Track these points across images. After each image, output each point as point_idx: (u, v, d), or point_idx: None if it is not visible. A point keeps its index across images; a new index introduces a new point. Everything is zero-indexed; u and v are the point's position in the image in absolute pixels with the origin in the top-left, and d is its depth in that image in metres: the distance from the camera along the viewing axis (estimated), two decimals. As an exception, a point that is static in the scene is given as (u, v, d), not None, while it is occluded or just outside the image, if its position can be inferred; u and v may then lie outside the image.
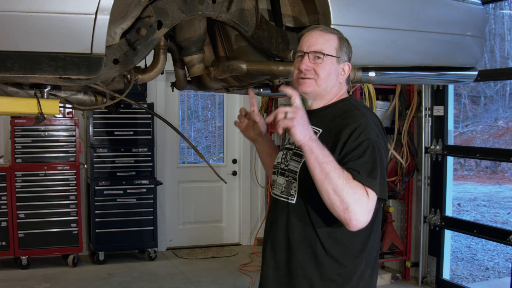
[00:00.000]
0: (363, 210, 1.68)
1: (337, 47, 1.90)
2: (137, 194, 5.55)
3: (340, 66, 1.92)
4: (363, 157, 1.74)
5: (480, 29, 2.51)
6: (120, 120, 5.49)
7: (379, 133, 1.83)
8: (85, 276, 5.13)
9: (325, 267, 1.85)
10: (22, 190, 5.12)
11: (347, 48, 1.93)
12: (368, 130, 1.79)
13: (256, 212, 6.53)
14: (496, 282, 5.92)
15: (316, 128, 1.88)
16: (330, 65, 1.89)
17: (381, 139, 1.83)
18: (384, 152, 1.83)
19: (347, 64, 1.93)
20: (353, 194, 1.67)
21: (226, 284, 5.03)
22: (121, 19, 2.01)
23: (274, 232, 1.97)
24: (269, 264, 1.98)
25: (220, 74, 2.40)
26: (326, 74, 1.90)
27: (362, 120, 1.82)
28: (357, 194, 1.67)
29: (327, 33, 1.91)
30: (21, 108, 2.09)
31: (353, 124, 1.80)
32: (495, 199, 10.91)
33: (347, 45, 1.93)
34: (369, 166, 1.73)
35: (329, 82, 1.91)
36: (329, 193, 1.67)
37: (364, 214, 1.69)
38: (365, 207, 1.68)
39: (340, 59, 1.91)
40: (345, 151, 1.77)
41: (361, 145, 1.76)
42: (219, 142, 6.81)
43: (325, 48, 1.89)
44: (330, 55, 1.88)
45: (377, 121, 1.89)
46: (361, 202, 1.67)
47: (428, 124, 4.95)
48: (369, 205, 1.70)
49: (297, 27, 2.34)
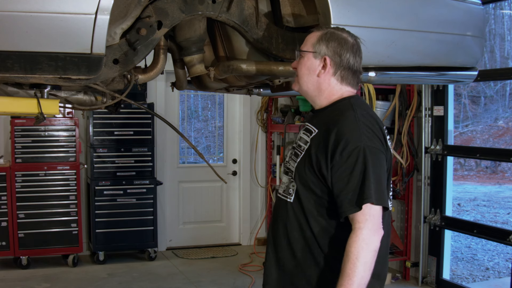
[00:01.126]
0: (369, 237, 1.72)
1: (314, 42, 1.88)
2: (137, 194, 5.55)
3: (318, 60, 1.88)
4: (353, 174, 1.74)
5: (480, 29, 2.51)
6: (120, 120, 5.49)
7: (372, 135, 1.79)
8: (85, 276, 5.13)
9: (322, 266, 1.85)
10: (22, 190, 5.11)
11: (328, 42, 1.86)
12: (358, 136, 1.76)
13: (256, 212, 6.53)
14: (496, 282, 5.92)
15: (313, 127, 1.90)
16: (306, 61, 1.90)
17: (376, 141, 1.79)
18: (380, 154, 1.80)
19: (324, 57, 1.87)
20: (358, 256, 1.71)
21: (226, 284, 5.03)
22: (121, 19, 2.01)
23: (275, 230, 1.99)
24: (272, 262, 1.99)
25: (220, 74, 2.40)
26: (301, 71, 1.91)
27: (352, 124, 1.79)
28: (357, 247, 1.71)
29: (315, 31, 1.91)
30: (21, 108, 2.09)
31: (341, 129, 1.78)
32: (495, 199, 10.91)
33: (330, 38, 1.86)
34: (358, 183, 1.74)
35: (308, 78, 1.91)
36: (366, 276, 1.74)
37: (374, 232, 1.73)
38: (367, 233, 1.72)
39: (316, 53, 1.87)
40: (333, 163, 1.77)
41: (350, 157, 1.75)
42: (219, 142, 6.81)
43: (304, 45, 1.91)
44: (305, 51, 1.89)
45: (371, 122, 1.84)
46: (362, 243, 1.71)
47: (428, 124, 4.95)
48: (368, 224, 1.73)
49: (297, 27, 2.34)
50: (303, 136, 1.93)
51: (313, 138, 1.87)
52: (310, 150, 1.86)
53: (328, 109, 1.92)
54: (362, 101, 1.98)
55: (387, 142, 1.89)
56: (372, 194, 1.72)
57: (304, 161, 1.87)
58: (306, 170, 1.85)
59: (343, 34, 1.90)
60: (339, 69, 1.89)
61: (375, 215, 1.74)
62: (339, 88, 1.92)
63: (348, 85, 1.93)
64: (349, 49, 1.88)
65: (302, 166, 1.88)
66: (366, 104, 1.98)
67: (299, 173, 1.87)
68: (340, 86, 1.92)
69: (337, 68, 1.89)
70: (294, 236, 1.90)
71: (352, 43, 1.89)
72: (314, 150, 1.84)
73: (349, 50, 1.88)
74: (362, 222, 1.73)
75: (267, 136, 6.41)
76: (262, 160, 6.48)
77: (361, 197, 1.73)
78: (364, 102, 1.99)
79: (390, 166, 1.92)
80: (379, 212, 1.75)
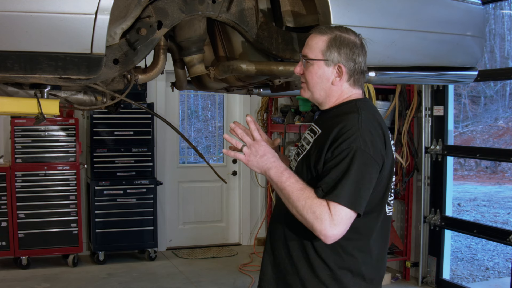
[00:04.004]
0: (327, 226, 1.67)
1: (323, 49, 1.83)
2: (137, 194, 5.55)
3: (330, 68, 1.84)
4: (335, 169, 1.71)
5: (480, 29, 2.51)
6: (120, 120, 5.49)
7: (371, 140, 1.75)
8: (85, 276, 5.13)
9: (315, 267, 1.84)
10: (22, 190, 5.12)
11: (339, 48, 1.82)
12: (355, 138, 1.73)
13: (256, 212, 6.53)
14: (496, 282, 5.92)
15: (318, 128, 1.89)
16: (317, 69, 1.85)
17: (371, 147, 1.74)
18: (371, 161, 1.73)
19: (338, 65, 1.83)
20: (312, 213, 1.68)
21: (226, 284, 5.03)
22: (121, 19, 2.01)
23: (274, 229, 1.99)
24: (268, 260, 1.99)
25: (220, 74, 2.40)
26: (313, 80, 1.87)
27: (353, 126, 1.76)
28: (317, 212, 1.68)
29: (319, 35, 1.85)
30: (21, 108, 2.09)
31: (341, 129, 1.76)
32: (495, 199, 10.91)
33: (341, 44, 1.82)
34: (336, 177, 1.70)
35: (320, 86, 1.87)
36: (295, 214, 1.75)
37: (332, 229, 1.67)
38: (330, 221, 1.67)
39: (328, 61, 1.83)
40: (326, 158, 1.76)
41: (340, 154, 1.72)
42: (219, 142, 6.81)
43: (311, 51, 1.85)
44: (314, 59, 1.84)
45: (373, 126, 1.80)
46: (323, 218, 1.67)
47: (428, 124, 4.95)
48: (336, 218, 1.67)
49: (297, 27, 2.34)
50: (307, 136, 1.93)
51: (316, 139, 1.86)
52: (311, 151, 1.85)
53: (333, 111, 1.90)
54: (370, 103, 1.93)
55: (389, 146, 1.84)
56: (344, 195, 1.68)
57: (304, 161, 1.87)
58: (304, 169, 1.85)
59: (351, 36, 1.85)
60: (353, 75, 1.87)
61: (343, 218, 1.68)
62: (349, 91, 1.89)
63: (358, 87, 1.91)
64: (360, 52, 1.85)
65: (301, 166, 1.88)
66: (373, 107, 1.93)
67: (298, 173, 1.87)
68: (351, 89, 1.90)
69: (352, 74, 1.86)
70: (290, 235, 1.90)
71: (360, 44, 1.86)
72: (313, 150, 1.84)
73: (360, 53, 1.85)
74: (329, 214, 1.68)
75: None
76: (262, 160, 6.46)
77: (331, 192, 1.69)
78: (371, 105, 1.93)
79: (392, 171, 1.87)
80: (349, 216, 1.69)
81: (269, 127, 6.31)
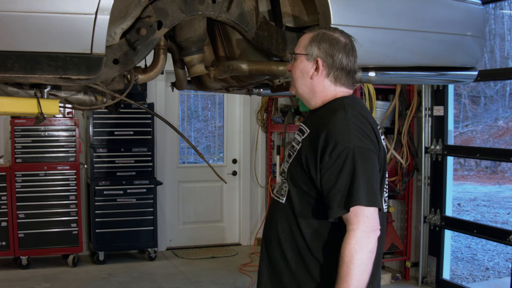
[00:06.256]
0: (362, 239, 1.69)
1: (306, 44, 1.86)
2: (137, 194, 5.55)
3: (311, 63, 1.86)
4: (342, 174, 1.71)
5: (480, 29, 2.51)
6: (120, 120, 5.48)
7: (363, 135, 1.76)
8: (85, 276, 5.13)
9: (311, 268, 1.84)
10: (22, 190, 5.11)
11: (319, 43, 1.83)
12: (347, 137, 1.73)
13: (256, 212, 6.53)
14: (496, 282, 5.92)
15: (306, 128, 1.89)
16: (299, 64, 1.89)
17: (366, 141, 1.75)
18: (372, 154, 1.76)
19: (316, 59, 1.84)
20: (358, 252, 1.68)
21: (226, 284, 5.03)
22: (121, 19, 2.01)
23: (268, 230, 1.99)
24: (264, 261, 2.00)
25: (220, 74, 2.40)
26: (296, 75, 1.90)
27: (342, 125, 1.76)
28: (352, 246, 1.69)
29: (307, 33, 1.89)
30: (21, 108, 2.09)
31: (330, 131, 1.76)
32: (495, 199, 10.91)
33: (322, 40, 1.84)
34: (347, 183, 1.71)
35: (302, 81, 1.89)
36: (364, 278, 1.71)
37: (368, 236, 1.70)
38: (360, 235, 1.69)
39: (308, 56, 1.85)
40: (322, 164, 1.75)
41: (339, 158, 1.72)
42: (219, 142, 6.81)
43: (297, 48, 1.90)
44: (298, 54, 1.88)
45: (362, 122, 1.80)
46: (356, 245, 1.68)
47: (428, 124, 4.95)
48: (362, 219, 1.69)
49: (297, 27, 2.34)
50: (296, 137, 1.93)
51: (304, 139, 1.86)
52: (301, 151, 1.85)
53: (321, 110, 1.90)
54: (357, 100, 1.93)
55: (380, 141, 1.85)
56: (361, 196, 1.69)
57: (295, 162, 1.87)
58: (297, 170, 1.85)
59: (335, 34, 1.86)
60: (332, 70, 1.86)
61: (369, 216, 1.70)
62: (333, 89, 1.89)
63: (342, 85, 1.89)
64: (342, 49, 1.84)
65: (293, 167, 1.87)
66: (360, 103, 1.93)
67: (290, 173, 1.87)
68: (334, 87, 1.89)
69: (330, 70, 1.86)
70: (284, 237, 1.89)
71: (344, 42, 1.85)
72: (304, 151, 1.83)
73: (341, 50, 1.84)
74: (354, 223, 1.70)
75: (267, 136, 6.41)
76: (262, 160, 6.48)
77: (349, 199, 1.70)
78: (358, 102, 1.93)
79: (384, 165, 1.88)
80: (373, 213, 1.71)
81: (269, 127, 6.31)
